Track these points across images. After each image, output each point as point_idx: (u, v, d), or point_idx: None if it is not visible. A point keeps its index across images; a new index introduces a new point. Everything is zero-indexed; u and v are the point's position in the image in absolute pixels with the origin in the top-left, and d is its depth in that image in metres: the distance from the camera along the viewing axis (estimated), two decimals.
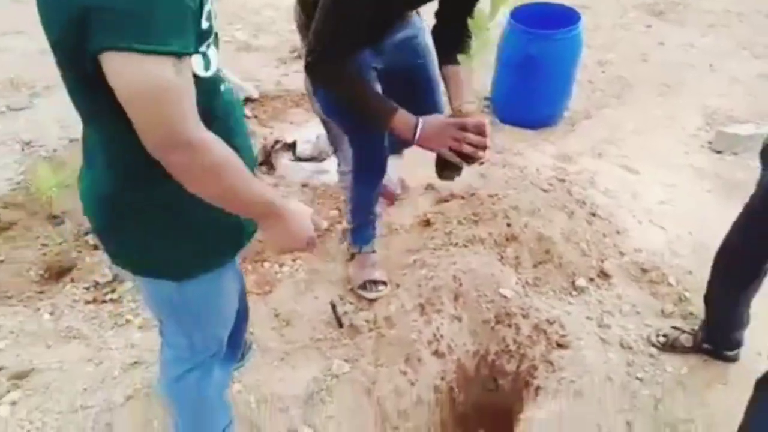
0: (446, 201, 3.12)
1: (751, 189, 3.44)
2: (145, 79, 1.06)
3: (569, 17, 3.60)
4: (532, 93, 3.70)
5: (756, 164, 3.62)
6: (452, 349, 2.47)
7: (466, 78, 2.06)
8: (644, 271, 2.78)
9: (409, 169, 3.17)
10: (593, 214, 3.08)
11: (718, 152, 3.78)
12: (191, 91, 1.13)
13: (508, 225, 2.85)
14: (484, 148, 1.84)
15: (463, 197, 3.13)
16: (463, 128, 1.81)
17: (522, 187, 3.25)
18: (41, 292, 2.69)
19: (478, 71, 4.15)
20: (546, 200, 3.13)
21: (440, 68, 2.13)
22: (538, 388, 2.34)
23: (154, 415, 2.14)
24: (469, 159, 1.86)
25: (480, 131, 1.83)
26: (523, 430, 2.21)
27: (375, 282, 2.59)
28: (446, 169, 1.96)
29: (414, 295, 2.57)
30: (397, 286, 2.65)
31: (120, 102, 1.09)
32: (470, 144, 1.82)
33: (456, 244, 2.77)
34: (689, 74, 4.56)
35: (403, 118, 1.85)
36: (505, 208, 2.94)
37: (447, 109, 2.22)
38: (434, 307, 2.52)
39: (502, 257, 2.74)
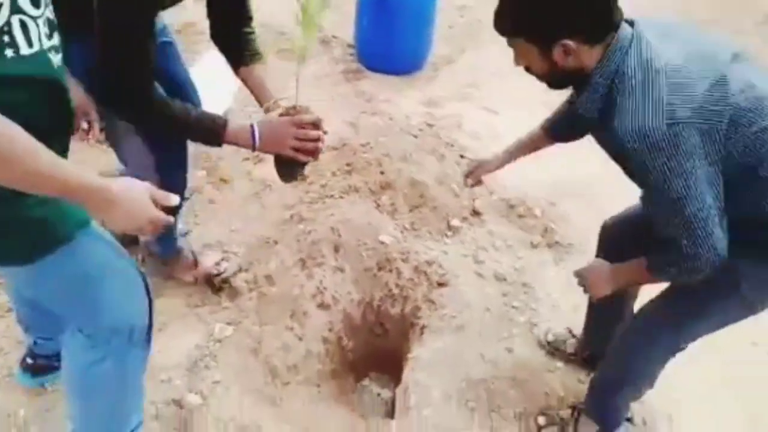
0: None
1: None
2: None
3: None
4: (392, 38, 3.71)
5: None
6: (337, 299, 2.47)
7: (263, 74, 1.98)
8: (511, 206, 2.92)
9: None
10: (462, 156, 3.17)
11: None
12: None
13: (382, 173, 2.86)
14: (321, 141, 1.79)
15: (336, 148, 3.10)
16: (301, 126, 1.74)
17: (393, 134, 3.27)
18: None
19: (343, 18, 4.10)
20: (417, 145, 3.18)
21: (235, 72, 2.00)
22: (423, 327, 2.41)
23: (19, 403, 1.98)
24: (312, 155, 1.79)
25: (317, 126, 1.77)
26: (411, 368, 2.27)
27: (217, 271, 2.45)
28: (288, 168, 1.84)
29: (294, 251, 2.53)
30: (275, 243, 2.59)
31: None
32: (311, 140, 1.75)
33: (332, 195, 2.75)
34: None
35: (235, 129, 1.72)
36: (378, 156, 2.95)
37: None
38: (315, 260, 2.50)
39: (378, 205, 2.76)
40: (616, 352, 1.86)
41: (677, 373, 1.89)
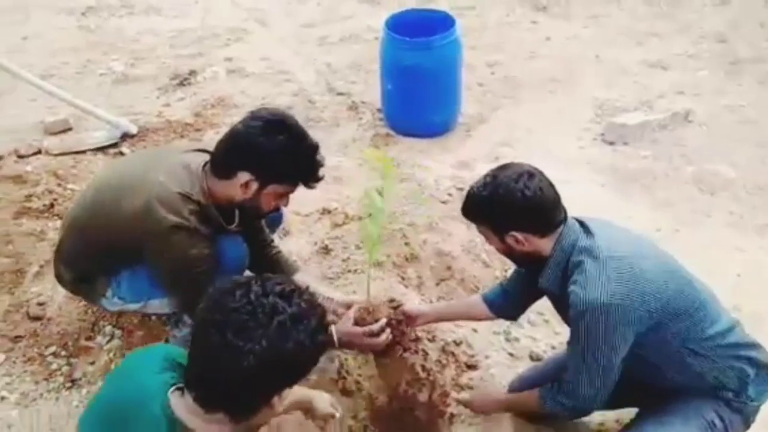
0: (344, 224, 3.00)
1: (643, 178, 3.53)
2: None
3: (444, 23, 3.57)
4: (419, 102, 3.65)
5: (646, 153, 3.74)
6: (361, 385, 2.34)
7: (306, 279, 2.26)
8: None
9: (302, 194, 3.04)
10: None
11: (611, 143, 3.84)
12: None
13: (407, 244, 2.76)
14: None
15: (361, 217, 3.03)
16: (371, 334, 2.03)
17: (420, 201, 3.18)
18: None
19: (371, 83, 4.08)
20: (444, 212, 3.08)
21: None
22: (452, 416, 2.26)
23: None
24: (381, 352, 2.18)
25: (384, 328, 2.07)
26: None
27: None
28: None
29: None
30: None
31: None
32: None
33: (355, 270, 2.66)
34: (577, 67, 4.64)
35: None
36: (403, 226, 2.85)
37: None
38: None
39: (403, 278, 2.65)
40: None
41: None
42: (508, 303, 2.12)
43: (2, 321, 2.46)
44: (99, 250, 1.90)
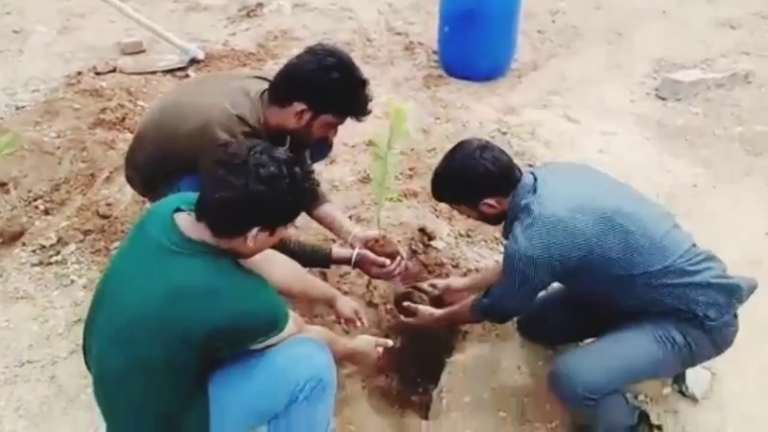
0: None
1: (689, 134, 3.53)
2: None
3: None
4: (474, 45, 3.72)
5: (697, 110, 3.72)
6: (385, 298, 2.55)
7: (333, 211, 2.35)
8: None
9: (350, 126, 3.21)
10: (530, 165, 3.15)
11: (663, 99, 3.84)
12: None
13: None
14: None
15: (403, 153, 3.18)
16: (380, 264, 2.20)
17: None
18: None
19: (428, 24, 4.16)
20: None
21: (310, 216, 2.35)
22: (465, 333, 2.44)
23: None
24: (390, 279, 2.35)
25: (394, 256, 2.22)
26: (448, 372, 2.31)
27: None
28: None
29: None
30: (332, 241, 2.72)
31: None
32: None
33: (391, 198, 2.83)
34: (641, 21, 4.58)
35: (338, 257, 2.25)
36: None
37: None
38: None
39: (435, 209, 2.81)
40: None
41: None
42: None
43: (75, 217, 2.78)
44: (162, 161, 2.11)
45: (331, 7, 4.66)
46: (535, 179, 1.90)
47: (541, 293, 2.00)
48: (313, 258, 2.20)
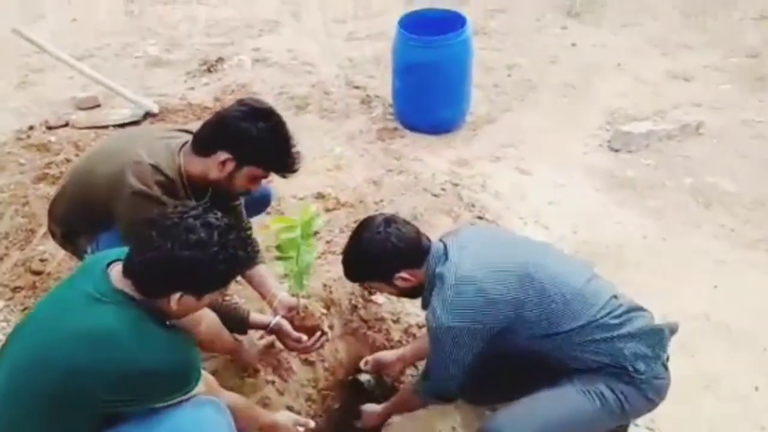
0: (334, 209, 3.15)
1: (639, 186, 3.54)
2: None
3: (456, 22, 3.66)
4: (427, 98, 3.74)
5: (648, 161, 3.75)
6: (323, 356, 2.48)
7: (263, 272, 2.28)
8: None
9: (299, 179, 3.20)
10: (480, 218, 3.14)
11: (615, 150, 3.86)
12: None
13: None
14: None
15: (352, 205, 3.17)
16: (298, 340, 2.16)
17: (413, 192, 3.30)
18: None
19: (384, 78, 4.20)
20: (434, 204, 3.18)
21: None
22: None
23: None
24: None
25: (314, 331, 2.19)
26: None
27: None
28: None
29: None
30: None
31: None
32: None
33: (334, 252, 2.79)
34: (596, 75, 4.65)
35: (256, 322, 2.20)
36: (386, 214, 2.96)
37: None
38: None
39: None
40: None
41: None
42: None
43: (8, 273, 2.71)
44: (80, 211, 2.09)
45: (291, 62, 4.71)
46: (445, 246, 1.91)
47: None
48: (231, 319, 2.12)
